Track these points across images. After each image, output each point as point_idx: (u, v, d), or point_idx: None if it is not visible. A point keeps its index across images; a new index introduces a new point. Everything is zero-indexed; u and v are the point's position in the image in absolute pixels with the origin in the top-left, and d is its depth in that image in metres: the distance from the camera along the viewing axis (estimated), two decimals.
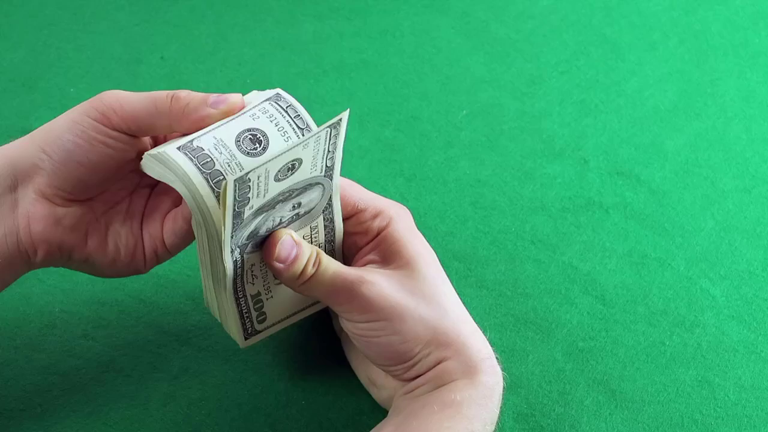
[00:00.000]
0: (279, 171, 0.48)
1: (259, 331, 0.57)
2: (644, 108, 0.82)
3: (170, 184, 0.50)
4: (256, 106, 0.52)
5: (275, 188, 0.49)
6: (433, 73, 0.84)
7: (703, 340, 0.65)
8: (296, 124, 0.52)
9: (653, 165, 0.77)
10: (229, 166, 0.49)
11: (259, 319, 0.56)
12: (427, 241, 0.58)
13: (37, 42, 0.84)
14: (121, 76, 0.82)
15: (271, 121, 0.51)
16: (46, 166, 0.52)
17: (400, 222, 0.56)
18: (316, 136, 0.49)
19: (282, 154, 0.48)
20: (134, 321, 0.64)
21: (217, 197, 0.49)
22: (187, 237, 0.55)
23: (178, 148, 0.50)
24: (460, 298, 0.57)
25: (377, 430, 0.54)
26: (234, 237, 0.49)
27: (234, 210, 0.48)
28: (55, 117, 0.55)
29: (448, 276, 0.57)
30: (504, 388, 0.56)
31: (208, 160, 0.49)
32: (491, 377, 0.55)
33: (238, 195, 0.47)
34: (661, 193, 0.75)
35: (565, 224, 0.72)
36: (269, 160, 0.48)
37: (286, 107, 0.52)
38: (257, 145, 0.50)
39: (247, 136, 0.51)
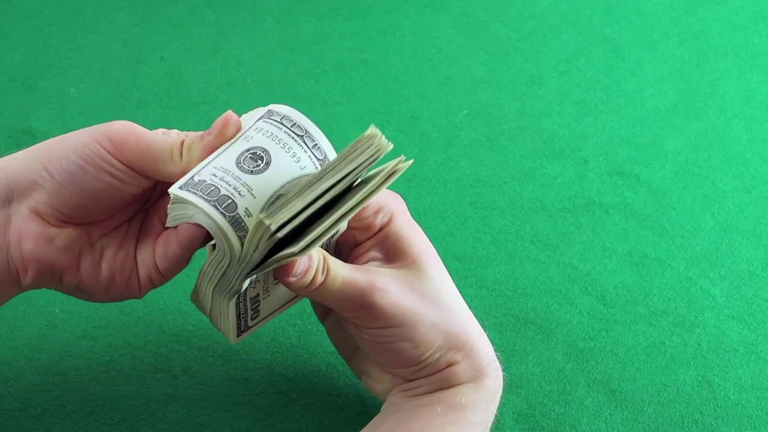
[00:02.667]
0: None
1: (250, 327, 0.56)
2: (644, 108, 0.82)
3: (192, 220, 0.49)
4: (249, 128, 0.51)
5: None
6: (433, 73, 0.84)
7: (703, 340, 0.65)
8: (294, 133, 0.51)
9: (653, 165, 0.77)
10: (236, 190, 0.49)
11: (252, 316, 0.56)
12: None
13: (37, 42, 0.84)
14: (121, 76, 0.82)
15: (268, 137, 0.51)
16: (47, 185, 0.50)
17: (402, 217, 0.55)
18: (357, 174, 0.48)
19: (325, 198, 0.47)
20: (134, 321, 0.64)
21: (234, 226, 0.48)
22: (181, 262, 0.52)
23: (181, 187, 0.49)
24: None
25: (374, 426, 0.54)
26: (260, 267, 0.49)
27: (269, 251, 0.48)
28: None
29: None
30: (503, 388, 0.56)
31: (212, 188, 0.49)
32: (495, 381, 0.55)
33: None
34: (661, 193, 0.75)
35: (565, 224, 0.72)
36: (312, 203, 0.47)
37: (281, 119, 0.51)
38: (259, 161, 0.50)
39: (246, 156, 0.50)
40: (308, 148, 0.51)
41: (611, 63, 0.86)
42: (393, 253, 0.54)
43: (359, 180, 0.50)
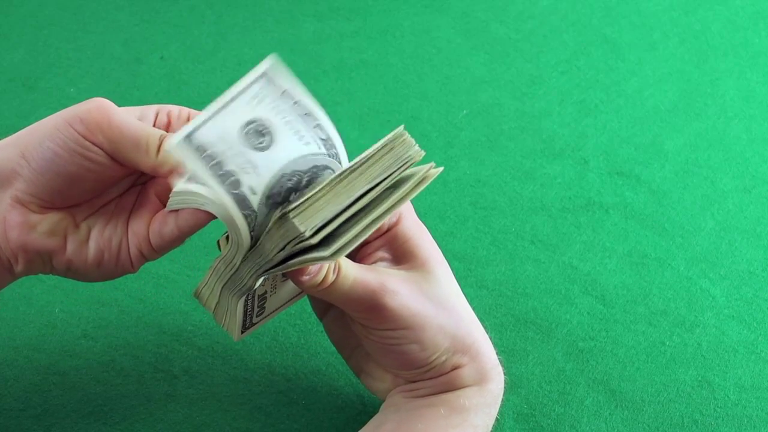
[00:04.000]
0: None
1: (254, 324, 0.56)
2: (644, 108, 0.82)
3: (203, 208, 0.49)
4: (249, 87, 0.49)
5: None
6: (433, 73, 0.84)
7: (703, 340, 0.65)
8: (297, 111, 0.51)
9: (653, 165, 0.77)
10: (240, 167, 0.48)
11: (258, 313, 0.56)
12: None
13: (37, 42, 0.84)
14: (121, 76, 0.82)
15: (272, 110, 0.49)
16: (25, 172, 0.49)
17: (409, 217, 0.55)
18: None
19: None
20: (134, 321, 0.64)
21: (239, 205, 0.48)
22: (175, 242, 0.51)
23: (184, 139, 0.46)
24: None
25: (375, 426, 0.54)
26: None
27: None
28: None
29: None
30: (504, 390, 0.56)
31: (216, 162, 0.48)
32: (497, 385, 0.55)
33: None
34: (661, 193, 0.75)
35: (565, 224, 0.72)
36: (346, 209, 0.47)
37: (282, 92, 0.51)
38: (263, 138, 0.49)
39: (251, 129, 0.49)
40: (311, 128, 0.50)
41: (611, 63, 0.86)
42: (401, 255, 0.54)
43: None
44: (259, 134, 0.49)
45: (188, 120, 0.53)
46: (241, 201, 0.48)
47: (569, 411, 0.61)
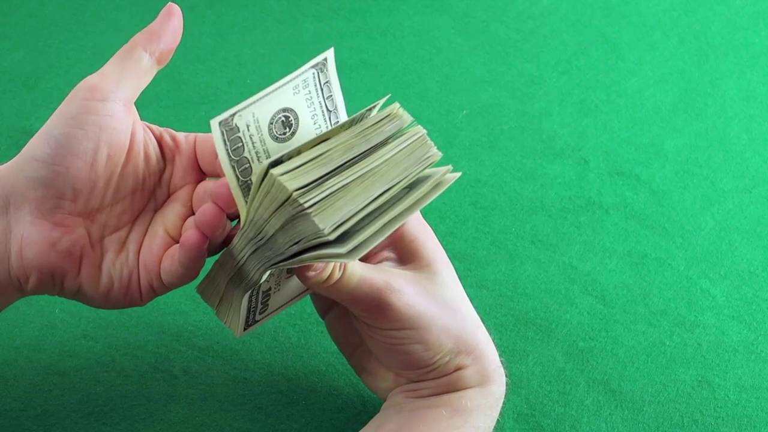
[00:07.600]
0: None
1: (257, 321, 0.56)
2: (644, 108, 0.82)
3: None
4: (303, 72, 0.50)
5: None
6: (433, 73, 0.84)
7: (703, 340, 0.65)
8: (326, 107, 0.51)
9: (653, 165, 0.77)
10: (257, 155, 0.48)
11: (261, 310, 0.56)
12: None
13: (37, 42, 0.84)
14: None
15: (306, 100, 0.50)
16: (40, 173, 0.48)
17: (415, 217, 0.55)
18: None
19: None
20: (134, 321, 0.64)
21: (244, 192, 0.48)
22: (183, 279, 0.52)
23: (220, 123, 0.47)
24: None
25: (377, 426, 0.54)
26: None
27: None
28: None
29: None
30: (506, 392, 0.56)
31: (239, 145, 0.48)
32: (499, 387, 0.55)
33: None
34: (661, 193, 0.75)
35: (565, 224, 0.72)
36: (365, 207, 0.47)
37: (323, 83, 0.51)
38: (287, 129, 0.49)
39: (280, 118, 0.49)
40: (331, 126, 0.50)
41: (611, 63, 0.86)
42: (407, 254, 0.54)
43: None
44: (284, 125, 0.49)
45: (194, 143, 0.53)
46: (248, 189, 0.48)
47: (569, 411, 0.61)
